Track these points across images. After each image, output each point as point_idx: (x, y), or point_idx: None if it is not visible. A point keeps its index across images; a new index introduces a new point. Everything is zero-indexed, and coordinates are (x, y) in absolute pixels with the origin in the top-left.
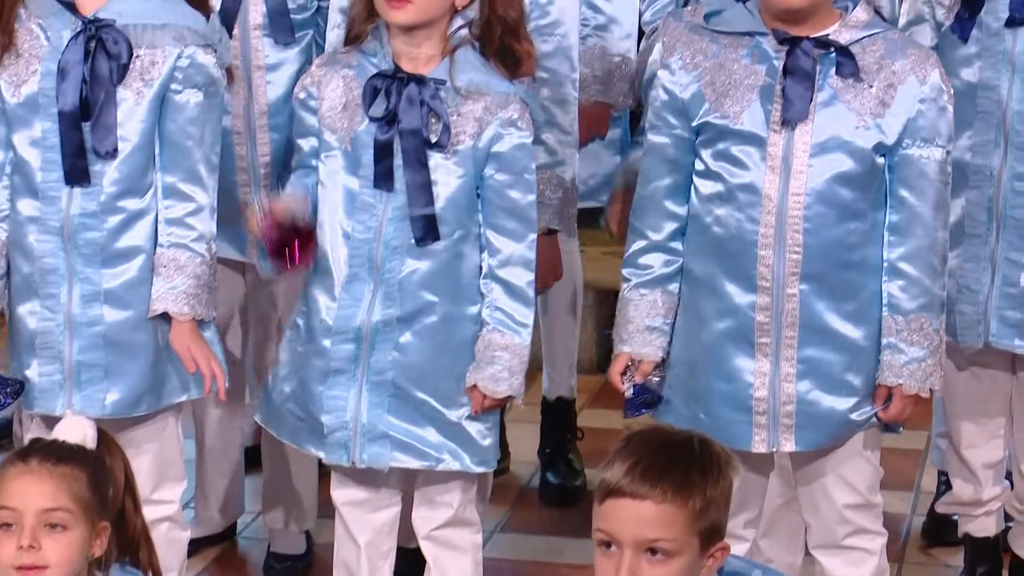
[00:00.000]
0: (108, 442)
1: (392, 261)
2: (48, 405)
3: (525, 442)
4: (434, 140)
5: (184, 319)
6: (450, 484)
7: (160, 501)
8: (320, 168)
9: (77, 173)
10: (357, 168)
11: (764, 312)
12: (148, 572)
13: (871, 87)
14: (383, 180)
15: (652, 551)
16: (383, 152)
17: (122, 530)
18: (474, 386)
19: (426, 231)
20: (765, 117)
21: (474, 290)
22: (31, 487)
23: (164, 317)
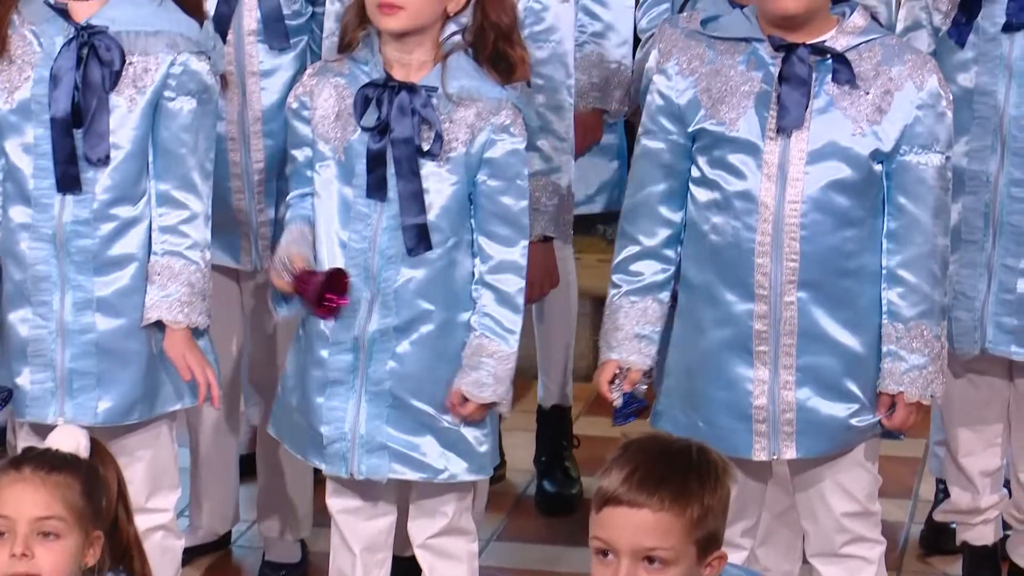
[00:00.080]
0: (101, 451)
1: (387, 270)
2: (40, 413)
3: (521, 450)
4: (426, 148)
5: (179, 327)
6: (446, 493)
7: (154, 509)
8: (315, 178)
9: (69, 180)
10: (351, 177)
11: (762, 320)
12: None
13: (867, 93)
14: (376, 190)
15: (649, 560)
16: (376, 162)
17: (115, 539)
18: (459, 390)
19: (417, 241)
20: (761, 124)
21: (468, 297)
22: (24, 495)
23: (158, 325)
